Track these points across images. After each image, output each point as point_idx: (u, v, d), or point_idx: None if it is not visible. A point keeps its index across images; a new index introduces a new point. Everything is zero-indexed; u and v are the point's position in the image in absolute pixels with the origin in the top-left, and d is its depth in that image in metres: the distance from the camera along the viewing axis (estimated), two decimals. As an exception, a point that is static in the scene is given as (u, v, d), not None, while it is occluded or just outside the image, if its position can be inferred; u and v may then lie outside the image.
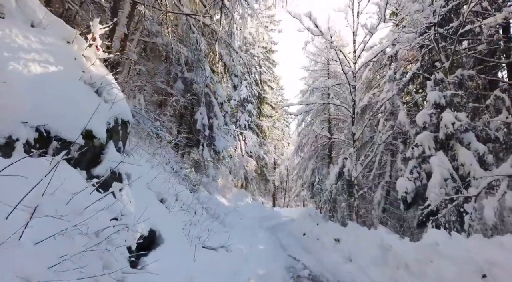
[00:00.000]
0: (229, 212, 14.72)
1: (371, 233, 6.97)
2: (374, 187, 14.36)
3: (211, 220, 8.70)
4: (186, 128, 10.64)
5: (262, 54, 27.70)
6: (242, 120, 25.23)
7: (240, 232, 10.84)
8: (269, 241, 10.95)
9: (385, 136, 11.51)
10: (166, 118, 8.72)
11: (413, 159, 6.92)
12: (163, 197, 4.84)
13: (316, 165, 21.46)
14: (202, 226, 6.16)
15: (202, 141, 10.13)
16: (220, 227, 8.80)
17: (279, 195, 52.42)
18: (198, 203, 9.44)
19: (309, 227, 13.53)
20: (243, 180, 26.51)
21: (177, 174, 7.43)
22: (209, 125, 10.45)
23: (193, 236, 4.67)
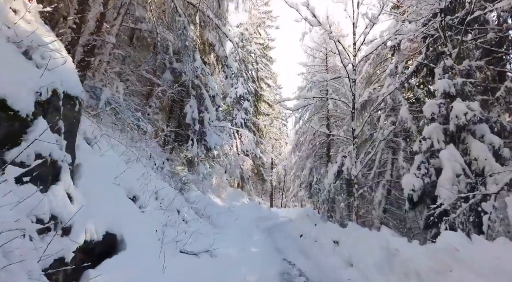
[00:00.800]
0: (222, 212, 14.05)
1: (373, 235, 6.31)
2: (375, 186, 13.72)
3: (200, 220, 8.03)
4: (175, 123, 9.94)
5: (259, 50, 27.04)
6: (238, 118, 24.57)
7: (233, 233, 10.16)
8: (264, 243, 10.27)
9: (387, 132, 10.87)
10: (152, 110, 8.02)
11: (421, 153, 6.28)
12: (136, 194, 4.15)
13: (314, 164, 20.81)
14: (186, 228, 5.49)
15: (191, 136, 9.44)
16: (209, 228, 8.11)
17: (276, 195, 51.77)
18: (186, 203, 8.77)
19: (307, 228, 12.87)
20: (239, 179, 25.83)
21: (160, 170, 6.74)
22: (200, 120, 9.75)
23: (170, 239, 3.99)
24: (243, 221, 15.07)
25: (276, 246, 9.77)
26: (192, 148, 9.37)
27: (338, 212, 15.55)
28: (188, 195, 11.01)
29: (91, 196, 2.96)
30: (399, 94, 13.53)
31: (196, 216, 8.18)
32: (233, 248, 6.74)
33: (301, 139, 21.57)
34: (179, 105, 9.92)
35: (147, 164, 6.25)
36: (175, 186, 8.77)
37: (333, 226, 10.11)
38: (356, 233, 6.83)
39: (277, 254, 8.03)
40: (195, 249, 4.49)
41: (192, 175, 10.10)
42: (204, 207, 11.22)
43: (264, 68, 27.88)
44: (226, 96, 24.77)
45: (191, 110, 9.44)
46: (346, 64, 11.60)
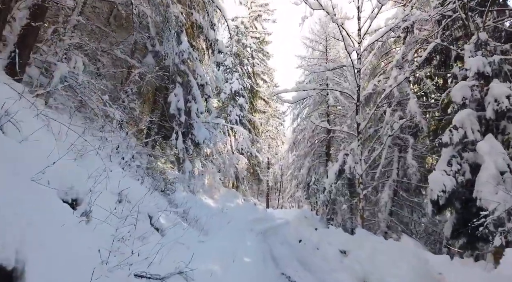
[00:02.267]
0: (214, 214, 12.86)
1: (393, 246, 5.16)
2: (381, 187, 12.60)
3: (184, 226, 6.82)
4: (159, 114, 8.74)
5: (255, 44, 25.86)
6: (233, 115, 23.38)
7: (223, 239, 8.97)
8: (258, 250, 9.10)
9: (397, 126, 9.74)
10: (128, 97, 6.82)
11: (451, 145, 5.14)
12: (78, 197, 2.97)
13: (312, 163, 19.69)
14: (160, 239, 4.31)
15: (176, 129, 8.21)
16: (195, 235, 6.91)
17: (273, 196, 50.66)
18: (169, 205, 7.57)
19: (306, 233, 11.73)
20: (234, 179, 24.63)
21: (136, 167, 5.53)
22: (186, 111, 8.53)
23: (123, 260, 2.79)
24: (236, 224, 13.88)
25: (272, 254, 8.61)
26: (177, 142, 8.12)
27: (340, 214, 14.41)
28: (174, 196, 9.82)
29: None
30: (406, 86, 12.48)
31: (179, 220, 6.98)
32: (220, 260, 5.55)
33: (299, 137, 20.43)
34: (163, 94, 8.71)
35: (114, 158, 5.06)
36: (155, 185, 7.58)
37: (337, 232, 8.96)
38: (370, 243, 5.68)
39: (273, 265, 6.86)
40: (162, 271, 3.30)
41: (181, 174, 8.90)
42: (192, 210, 10.04)
43: (260, 63, 26.72)
44: (220, 92, 23.62)
45: (176, 99, 8.21)
46: (350, 51, 10.46)
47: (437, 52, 9.81)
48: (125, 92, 6.95)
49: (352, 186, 14.69)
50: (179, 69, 8.48)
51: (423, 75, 11.96)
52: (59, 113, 4.51)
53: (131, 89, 7.03)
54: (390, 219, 11.65)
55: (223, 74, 23.57)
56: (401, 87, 12.34)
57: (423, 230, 12.93)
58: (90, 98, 4.96)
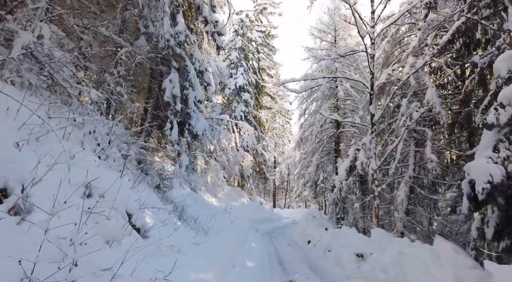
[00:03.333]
0: (216, 214, 12.06)
1: (425, 250, 4.26)
2: (396, 184, 11.66)
3: (177, 226, 6.00)
4: (153, 103, 7.92)
5: (261, 38, 25.01)
6: (238, 111, 22.61)
7: (224, 240, 8.15)
8: (263, 252, 8.25)
9: (417, 115, 8.80)
10: (112, 79, 6.00)
11: (496, 127, 4.24)
12: (7, 187, 2.15)
13: (320, 160, 18.74)
14: (134, 241, 3.50)
15: (171, 118, 7.35)
16: (190, 235, 6.09)
17: (279, 195, 49.80)
18: (162, 202, 6.76)
19: (316, 233, 10.84)
20: (239, 177, 23.83)
21: (107, 155, 4.63)
22: (183, 98, 7.69)
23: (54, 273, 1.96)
24: (240, 224, 13.06)
25: (278, 257, 7.74)
26: (171, 132, 7.27)
27: (351, 214, 13.47)
28: (171, 194, 9.03)
29: None
30: (424, 75, 11.53)
31: (174, 220, 6.16)
32: (217, 266, 4.71)
33: (307, 133, 19.49)
34: (158, 81, 7.90)
35: (90, 145, 4.23)
36: (146, 180, 6.79)
37: (350, 232, 8.05)
38: (395, 245, 4.78)
39: (279, 271, 5.99)
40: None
41: (177, 169, 8.07)
42: (191, 208, 9.25)
43: (266, 58, 25.85)
44: (225, 87, 22.86)
45: (171, 86, 7.38)
46: (363, 35, 9.57)
47: (460, 33, 8.85)
48: (111, 74, 6.14)
49: (364, 183, 13.76)
50: (175, 53, 7.65)
51: (442, 62, 11.00)
52: (19, 90, 3.73)
53: (118, 71, 6.24)
54: (407, 218, 10.70)
55: (228, 69, 22.80)
56: (418, 76, 11.43)
57: (440, 230, 11.95)
58: (58, 72, 4.16)
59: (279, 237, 12.85)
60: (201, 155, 16.15)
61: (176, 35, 7.45)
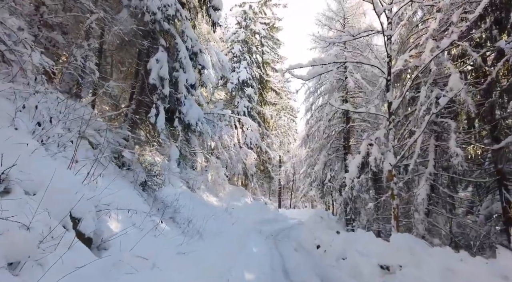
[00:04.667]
0: (215, 214, 10.99)
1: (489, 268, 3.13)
2: (417, 181, 10.51)
3: (160, 230, 4.93)
4: (138, 88, 6.84)
5: (265, 31, 23.91)
6: (241, 106, 21.53)
7: (221, 246, 7.07)
8: (266, 260, 7.15)
9: (444, 101, 7.63)
10: (81, 52, 4.94)
11: None
12: None
13: (328, 157, 17.58)
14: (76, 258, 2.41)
15: (157, 103, 6.25)
16: (176, 242, 5.00)
17: (285, 195, 48.64)
18: (143, 202, 5.71)
19: (325, 236, 9.72)
20: (242, 176, 22.76)
21: (59, 141, 3.56)
22: (172, 81, 6.57)
23: None
24: (242, 226, 11.99)
25: (283, 266, 6.64)
26: (157, 119, 6.15)
27: (363, 215, 12.31)
28: (161, 193, 7.98)
29: None
30: (446, 60, 10.37)
31: (156, 222, 5.08)
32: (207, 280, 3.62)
33: (313, 129, 18.33)
34: (144, 62, 6.83)
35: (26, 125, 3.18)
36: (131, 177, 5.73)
37: (368, 237, 6.92)
38: (437, 258, 3.65)
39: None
40: None
41: (165, 163, 6.99)
42: (186, 209, 8.19)
43: (270, 51, 24.73)
44: (227, 82, 21.82)
45: (158, 66, 6.29)
46: (379, 12, 8.44)
47: (493, 7, 7.71)
48: (79, 47, 5.07)
49: (377, 181, 12.59)
50: (163, 29, 6.56)
51: (467, 46, 9.83)
52: None
53: (88, 44, 5.18)
54: (428, 220, 9.53)
55: (230, 62, 21.77)
56: (439, 62, 10.30)
57: (459, 233, 10.74)
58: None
59: (285, 239, 11.74)
60: (201, 151, 15.10)
61: (164, 8, 6.35)
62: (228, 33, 24.58)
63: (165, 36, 6.86)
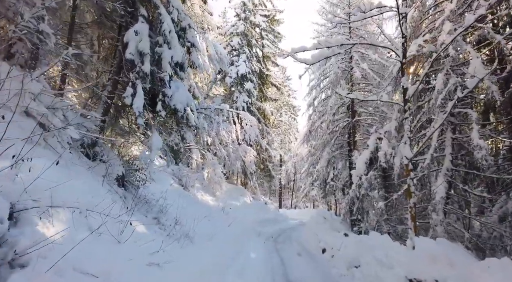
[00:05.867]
0: (210, 215, 10.01)
1: None
2: (432, 178, 9.52)
3: (123, 237, 3.90)
4: (115, 66, 5.80)
5: (265, 23, 22.91)
6: (240, 101, 20.52)
7: (211, 253, 6.09)
8: (266, 267, 6.14)
9: (473, 83, 6.60)
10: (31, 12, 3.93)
11: None
12: None
13: (332, 154, 16.55)
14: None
15: (134, 81, 5.18)
16: (150, 250, 3.98)
17: (285, 195, 47.58)
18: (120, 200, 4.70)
19: (332, 239, 8.71)
20: (242, 174, 21.74)
21: None
22: (154, 58, 5.52)
23: None
24: (240, 227, 10.98)
25: (286, 274, 5.63)
26: (134, 100, 5.07)
27: (372, 215, 11.28)
28: (146, 190, 6.98)
29: None
30: (465, 44, 9.38)
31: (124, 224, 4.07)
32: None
33: (316, 124, 17.30)
34: (122, 36, 5.80)
35: None
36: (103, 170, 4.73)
37: (386, 241, 5.91)
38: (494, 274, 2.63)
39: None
40: None
41: (144, 154, 5.96)
42: (174, 209, 7.21)
43: (270, 45, 23.70)
44: (226, 76, 20.82)
45: (137, 39, 5.26)
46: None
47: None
48: (30, 5, 4.09)
49: (387, 178, 11.57)
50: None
51: (489, 28, 8.85)
52: None
53: (42, 3, 4.18)
54: (447, 221, 8.51)
55: (229, 56, 20.78)
56: (458, 46, 9.31)
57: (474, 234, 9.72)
58: None
59: (286, 242, 10.73)
60: (196, 147, 14.10)
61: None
62: (227, 26, 23.60)
63: (146, 5, 5.86)
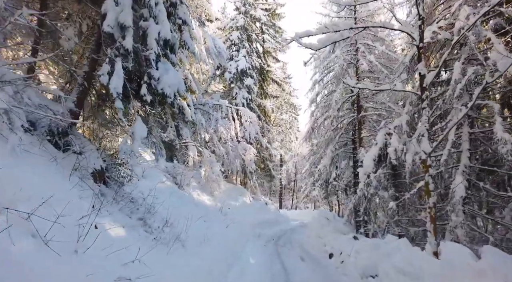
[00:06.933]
0: (207, 215, 9.23)
1: None
2: (452, 174, 8.75)
3: (80, 244, 3.07)
4: (93, 43, 5.01)
5: (266, 17, 22.12)
6: (239, 98, 19.71)
7: (206, 257, 5.29)
8: (265, 276, 5.33)
9: (505, 65, 5.79)
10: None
11: None
12: None
13: (336, 152, 15.75)
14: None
15: (112, 58, 4.35)
16: (124, 260, 3.17)
17: (286, 196, 46.75)
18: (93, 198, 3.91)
19: (337, 242, 7.93)
20: (241, 173, 20.91)
21: None
22: (138, 33, 4.73)
23: None
24: (238, 228, 10.19)
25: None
26: (110, 79, 4.24)
27: (382, 216, 10.48)
28: (134, 187, 6.21)
29: None
30: (484, 30, 8.62)
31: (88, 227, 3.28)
32: None
33: (320, 121, 16.49)
34: (103, 10, 5.03)
35: None
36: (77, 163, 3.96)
37: (401, 246, 5.09)
38: None
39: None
40: None
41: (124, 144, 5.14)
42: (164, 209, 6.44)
43: (271, 40, 22.92)
44: (225, 71, 20.02)
45: (118, 10, 4.45)
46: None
47: None
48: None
49: (397, 177, 10.78)
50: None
51: (507, 14, 8.11)
52: None
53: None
54: (467, 223, 7.70)
55: (228, 50, 20.00)
56: (477, 31, 8.54)
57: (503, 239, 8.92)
58: None
59: (288, 245, 9.93)
60: (193, 143, 13.31)
61: None
62: (226, 20, 22.82)
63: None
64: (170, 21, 5.70)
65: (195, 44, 11.48)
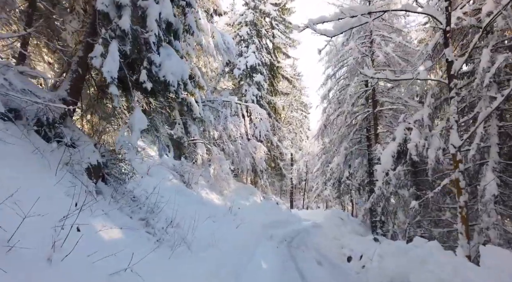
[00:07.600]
0: (216, 215, 8.75)
1: None
2: (478, 172, 8.07)
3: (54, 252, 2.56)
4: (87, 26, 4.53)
5: (275, 12, 21.53)
6: (249, 94, 19.19)
7: (214, 260, 4.78)
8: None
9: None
10: None
11: None
12: None
13: (350, 150, 15.10)
14: None
15: (107, 39, 3.88)
16: (114, 267, 2.67)
17: (297, 195, 46.03)
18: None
19: (356, 244, 7.32)
20: (251, 172, 20.38)
21: None
22: (136, 13, 4.19)
23: None
24: (249, 229, 9.65)
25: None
26: (104, 62, 3.80)
27: (402, 216, 9.82)
28: (138, 185, 5.75)
29: None
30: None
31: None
32: None
33: (332, 117, 15.84)
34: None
35: None
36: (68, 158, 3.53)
37: (433, 249, 4.49)
38: None
39: None
40: None
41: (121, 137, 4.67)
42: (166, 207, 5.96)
43: (281, 35, 22.34)
44: (234, 67, 19.55)
45: (114, -13, 4.08)
46: None
47: None
48: None
49: (418, 174, 10.09)
50: None
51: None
52: None
53: None
54: (499, 224, 7.02)
55: (237, 46, 19.51)
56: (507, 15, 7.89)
57: None
58: None
59: (302, 247, 9.37)
60: (201, 141, 12.85)
61: None
62: (235, 16, 22.32)
63: None
64: (173, 3, 5.21)
65: (202, 35, 11.05)
